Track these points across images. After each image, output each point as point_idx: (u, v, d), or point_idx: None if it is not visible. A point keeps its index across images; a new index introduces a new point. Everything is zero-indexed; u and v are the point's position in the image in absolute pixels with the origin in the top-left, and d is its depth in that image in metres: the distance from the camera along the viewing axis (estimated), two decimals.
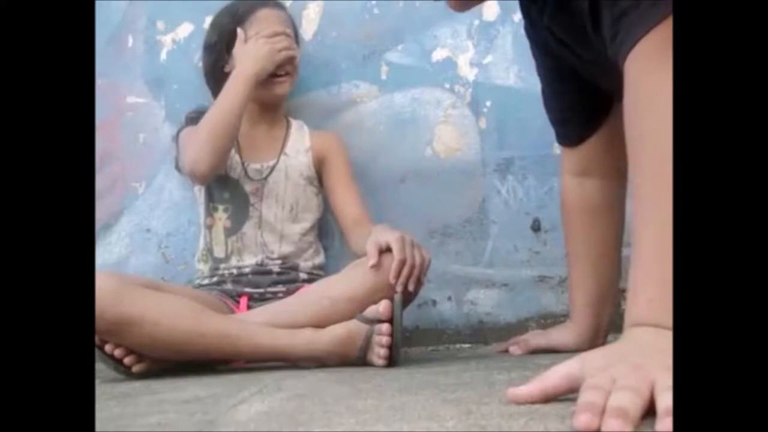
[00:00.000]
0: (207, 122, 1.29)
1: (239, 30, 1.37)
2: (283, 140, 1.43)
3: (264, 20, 1.38)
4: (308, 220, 1.41)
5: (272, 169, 1.40)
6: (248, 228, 1.37)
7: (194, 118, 1.37)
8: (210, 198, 1.40)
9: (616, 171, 1.08)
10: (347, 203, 1.40)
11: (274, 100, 1.42)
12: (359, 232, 1.29)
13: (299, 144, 1.44)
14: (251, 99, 1.33)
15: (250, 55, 1.32)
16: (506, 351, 1.21)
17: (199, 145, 1.28)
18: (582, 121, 1.08)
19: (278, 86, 1.39)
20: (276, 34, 1.35)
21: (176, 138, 1.42)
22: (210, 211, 1.40)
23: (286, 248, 1.37)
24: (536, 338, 1.19)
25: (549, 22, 0.89)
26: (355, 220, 1.36)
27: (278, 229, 1.38)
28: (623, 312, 0.61)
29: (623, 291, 1.06)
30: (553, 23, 0.88)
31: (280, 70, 1.37)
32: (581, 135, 1.09)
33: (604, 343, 1.09)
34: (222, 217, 1.39)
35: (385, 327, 1.06)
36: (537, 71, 1.12)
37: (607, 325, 1.13)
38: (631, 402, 0.47)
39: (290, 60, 1.38)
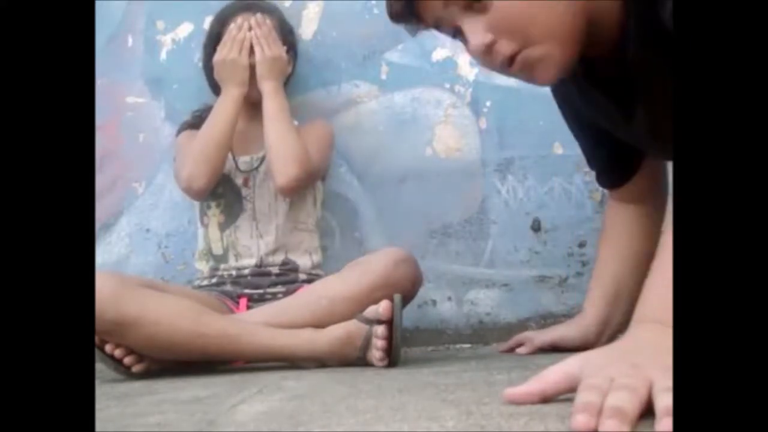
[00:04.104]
0: (201, 140, 1.32)
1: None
2: None
3: (236, 28, 1.36)
4: (303, 210, 1.40)
5: (262, 160, 1.39)
6: (242, 220, 1.38)
7: (196, 119, 1.38)
8: None
9: (663, 198, 1.11)
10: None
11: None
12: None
13: None
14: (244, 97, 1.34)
15: (223, 76, 1.35)
16: (511, 351, 1.20)
17: (194, 163, 1.31)
18: (617, 171, 1.11)
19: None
20: (235, 44, 1.34)
21: (177, 135, 1.44)
22: (204, 210, 1.41)
23: (281, 239, 1.37)
24: (540, 335, 1.18)
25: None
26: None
27: (272, 219, 1.37)
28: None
29: None
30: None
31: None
32: (617, 182, 1.12)
33: (610, 341, 1.09)
34: (216, 213, 1.39)
35: (385, 327, 1.06)
36: (573, 133, 1.13)
37: (617, 323, 1.12)
38: (628, 402, 0.47)
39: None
